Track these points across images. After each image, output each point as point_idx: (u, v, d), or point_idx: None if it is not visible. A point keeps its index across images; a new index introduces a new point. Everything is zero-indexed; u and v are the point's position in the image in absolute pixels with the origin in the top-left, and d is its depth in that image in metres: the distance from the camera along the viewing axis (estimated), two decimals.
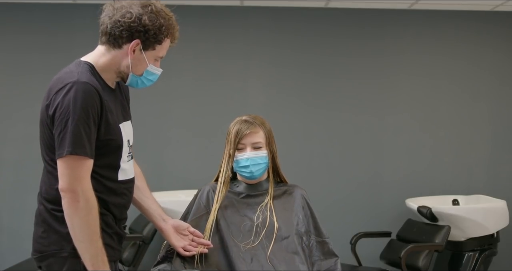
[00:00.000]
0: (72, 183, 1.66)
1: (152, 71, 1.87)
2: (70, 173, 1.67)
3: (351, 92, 4.32)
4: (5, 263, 3.95)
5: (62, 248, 1.73)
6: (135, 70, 1.83)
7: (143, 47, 1.79)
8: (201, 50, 4.31)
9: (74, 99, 1.67)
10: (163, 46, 1.84)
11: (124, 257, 3.61)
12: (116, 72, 1.84)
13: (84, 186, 1.67)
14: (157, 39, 1.80)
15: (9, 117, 4.22)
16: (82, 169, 1.68)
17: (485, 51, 4.35)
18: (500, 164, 4.34)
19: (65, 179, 1.67)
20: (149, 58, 1.83)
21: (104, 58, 1.81)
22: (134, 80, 1.87)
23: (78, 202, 1.66)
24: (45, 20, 4.27)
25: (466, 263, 3.72)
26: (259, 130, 2.20)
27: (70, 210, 1.67)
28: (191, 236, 2.07)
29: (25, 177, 4.15)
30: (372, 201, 4.27)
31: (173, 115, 4.28)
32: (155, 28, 1.77)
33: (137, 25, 1.75)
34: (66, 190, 1.67)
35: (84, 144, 1.67)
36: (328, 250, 2.15)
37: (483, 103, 4.35)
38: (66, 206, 1.68)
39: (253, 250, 2.08)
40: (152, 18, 1.77)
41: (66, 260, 1.73)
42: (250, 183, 2.24)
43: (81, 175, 1.68)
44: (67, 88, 1.68)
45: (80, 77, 1.71)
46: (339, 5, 4.27)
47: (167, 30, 1.81)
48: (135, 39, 1.77)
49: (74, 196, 1.66)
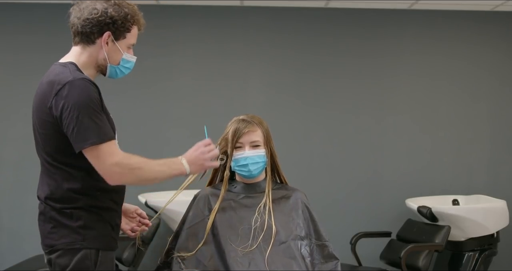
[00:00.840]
0: (107, 164, 1.78)
1: (127, 59, 2.01)
2: (101, 160, 1.78)
3: (351, 92, 4.32)
4: (5, 263, 3.96)
5: (73, 240, 1.84)
6: (112, 61, 1.96)
7: (114, 38, 1.93)
8: (201, 50, 4.31)
9: (78, 95, 1.77)
10: (132, 34, 1.97)
11: (124, 257, 3.61)
12: (95, 67, 1.96)
13: (116, 158, 1.79)
14: (125, 28, 1.93)
15: (9, 117, 4.22)
16: (107, 149, 1.79)
17: (485, 51, 4.36)
18: (500, 164, 4.34)
19: (100, 166, 1.79)
20: (122, 47, 1.96)
21: (83, 56, 1.94)
22: (113, 70, 1.99)
23: (123, 174, 1.81)
24: (45, 20, 4.27)
25: (466, 263, 3.72)
26: (257, 129, 2.20)
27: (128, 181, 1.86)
28: (138, 217, 2.17)
29: (25, 177, 4.15)
30: (372, 201, 4.27)
31: (173, 115, 4.28)
32: (121, 17, 1.91)
33: (104, 18, 1.89)
34: (108, 173, 1.80)
35: (105, 130, 1.80)
36: (328, 253, 2.14)
37: (483, 103, 4.35)
38: (119, 181, 1.83)
39: (250, 254, 2.07)
40: (117, 9, 1.90)
41: (77, 252, 1.83)
42: (248, 182, 2.23)
43: (109, 152, 1.79)
44: (67, 87, 1.78)
45: (75, 75, 1.82)
46: (339, 5, 4.27)
47: (133, 18, 1.94)
48: (105, 32, 1.90)
49: (116, 173, 1.80)
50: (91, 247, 1.84)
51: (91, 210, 1.86)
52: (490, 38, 4.36)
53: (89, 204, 1.86)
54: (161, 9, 4.27)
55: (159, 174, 1.90)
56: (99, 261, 1.85)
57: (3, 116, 4.24)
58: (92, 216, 1.86)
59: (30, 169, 4.09)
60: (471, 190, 4.21)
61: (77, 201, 1.85)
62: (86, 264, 1.82)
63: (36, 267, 3.39)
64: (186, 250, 2.11)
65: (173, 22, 4.28)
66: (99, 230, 1.87)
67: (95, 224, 1.86)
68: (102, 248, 1.86)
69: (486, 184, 4.28)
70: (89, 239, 1.84)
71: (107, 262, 1.87)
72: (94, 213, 1.87)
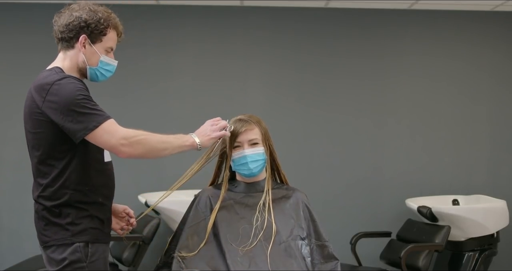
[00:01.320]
0: (114, 140, 1.90)
1: (106, 61, 2.09)
2: (108, 137, 1.90)
3: (351, 92, 4.32)
4: (5, 263, 3.96)
5: (63, 236, 1.97)
6: (90, 63, 2.06)
7: (91, 41, 2.04)
8: (201, 50, 4.31)
9: (67, 90, 1.91)
10: (109, 37, 2.07)
11: (124, 257, 3.61)
12: (77, 70, 2.06)
13: (121, 133, 1.91)
14: (99, 31, 2.03)
15: (9, 117, 4.22)
16: (111, 128, 1.91)
17: (485, 51, 4.36)
18: (500, 164, 4.34)
19: (108, 143, 1.91)
20: (99, 50, 2.06)
21: (66, 61, 2.06)
22: (92, 72, 2.08)
23: (132, 146, 1.91)
24: (45, 20, 4.24)
25: (466, 263, 3.72)
26: (254, 127, 2.20)
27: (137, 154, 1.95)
28: (127, 217, 2.26)
29: (25, 177, 4.11)
30: (372, 201, 4.27)
31: (173, 115, 4.28)
32: (95, 21, 2.02)
33: (79, 23, 2.01)
34: (118, 146, 1.91)
35: (97, 114, 1.91)
36: (328, 253, 2.14)
37: (483, 103, 4.35)
38: (131, 155, 1.93)
39: (251, 253, 2.07)
40: (90, 14, 2.03)
41: (68, 246, 1.96)
42: (249, 181, 2.24)
43: (111, 130, 1.91)
44: (56, 86, 1.92)
45: (60, 75, 1.96)
46: (339, 5, 4.27)
47: (106, 22, 2.04)
48: (81, 35, 2.02)
49: (125, 146, 1.91)
50: (80, 241, 1.96)
51: (79, 206, 1.98)
52: (490, 38, 4.36)
53: (76, 200, 1.98)
54: (161, 9, 4.27)
55: (167, 145, 2.00)
56: (89, 252, 1.97)
57: (3, 116, 4.24)
58: (79, 211, 1.98)
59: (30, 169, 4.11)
60: (471, 190, 4.21)
61: (65, 197, 1.97)
62: (77, 256, 1.96)
63: (36, 267, 3.39)
64: (186, 250, 2.12)
65: (173, 22, 4.28)
66: (87, 224, 1.98)
67: (82, 219, 1.98)
68: (90, 241, 1.98)
69: (486, 184, 4.29)
70: (78, 234, 1.97)
71: (98, 253, 2.00)
72: (81, 209, 1.98)
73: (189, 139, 2.06)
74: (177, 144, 2.03)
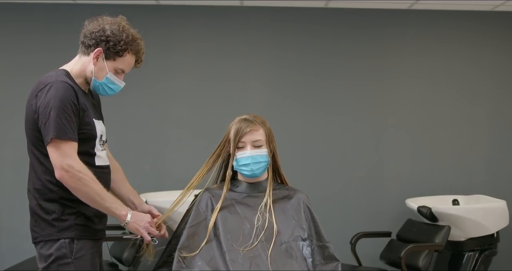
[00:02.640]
0: (61, 161, 1.97)
1: (112, 79, 2.15)
2: (58, 154, 1.97)
3: (351, 92, 4.32)
4: (5, 263, 3.96)
5: (50, 232, 2.05)
6: (97, 75, 2.13)
7: (105, 56, 2.11)
8: (201, 50, 4.31)
9: (54, 94, 1.99)
10: (124, 60, 2.14)
11: (124, 257, 3.60)
12: (84, 77, 2.15)
13: (72, 161, 1.98)
14: (116, 50, 2.10)
15: (9, 117, 4.22)
16: (67, 148, 1.98)
17: (484, 52, 4.36)
18: (500, 164, 4.34)
19: (56, 160, 1.98)
20: (109, 67, 2.13)
21: (77, 65, 2.15)
22: (96, 85, 2.16)
23: (72, 177, 1.97)
24: (45, 20, 4.27)
25: (466, 263, 3.72)
26: (259, 129, 2.20)
27: (69, 184, 1.99)
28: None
29: (25, 177, 4.09)
30: (372, 201, 4.28)
31: (173, 115, 4.28)
32: (115, 40, 2.09)
33: (101, 35, 2.09)
34: (59, 168, 1.97)
35: (66, 129, 1.98)
36: (329, 254, 2.14)
37: (483, 103, 4.35)
38: (65, 181, 1.99)
39: (251, 253, 2.06)
40: (115, 32, 2.09)
41: (55, 243, 2.04)
42: (250, 181, 2.24)
43: (67, 153, 1.98)
44: (48, 87, 2.01)
45: (57, 78, 2.05)
46: (339, 5, 4.27)
47: (126, 45, 2.11)
48: (99, 47, 2.09)
49: (66, 172, 1.97)
50: (65, 237, 2.04)
51: (65, 203, 2.05)
52: (490, 39, 4.36)
53: (63, 197, 2.05)
54: (161, 9, 4.27)
55: (100, 201, 2.03)
56: (75, 249, 2.04)
57: (3, 116, 4.24)
58: (65, 208, 2.06)
59: None
60: (471, 190, 4.21)
61: (52, 193, 2.05)
62: (63, 252, 2.03)
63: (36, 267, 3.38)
64: (187, 250, 2.11)
65: (173, 22, 4.28)
66: (73, 220, 2.06)
67: (68, 216, 2.06)
68: (76, 237, 2.05)
69: (486, 184, 4.29)
70: (63, 230, 2.05)
71: (84, 249, 2.06)
72: (67, 206, 2.06)
73: (123, 211, 2.07)
74: (109, 206, 2.05)
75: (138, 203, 2.33)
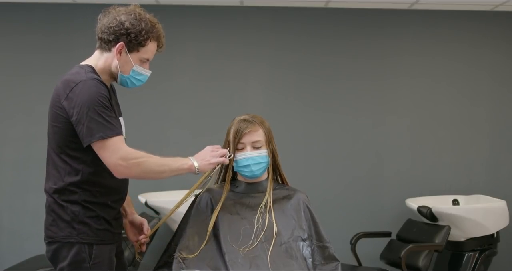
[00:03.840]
0: (114, 159, 1.91)
1: (138, 71, 2.10)
2: (107, 153, 1.92)
3: (351, 92, 4.32)
4: (5, 263, 3.96)
5: (68, 234, 1.99)
6: (123, 70, 2.07)
7: (128, 50, 2.04)
8: (201, 50, 4.31)
9: (88, 93, 1.92)
10: (147, 49, 2.07)
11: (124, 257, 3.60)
12: (109, 73, 2.08)
13: (123, 153, 1.92)
14: (139, 42, 2.04)
15: (9, 117, 4.22)
16: (113, 144, 1.92)
17: (484, 52, 4.36)
18: (500, 164, 4.34)
19: (108, 160, 1.92)
20: (134, 59, 2.06)
21: (100, 61, 2.07)
22: (123, 79, 2.10)
23: (130, 167, 1.92)
24: (45, 20, 4.27)
25: (466, 263, 3.72)
26: (259, 129, 2.19)
27: (133, 175, 1.97)
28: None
29: (25, 177, 4.15)
30: (372, 201, 4.28)
31: (173, 115, 4.28)
32: (136, 31, 2.02)
33: (120, 29, 2.01)
34: (113, 166, 1.92)
35: (109, 127, 1.92)
36: (329, 254, 2.13)
37: (483, 103, 4.35)
38: (127, 175, 1.96)
39: (251, 253, 2.06)
40: (134, 23, 2.02)
41: (73, 246, 1.98)
42: (250, 182, 2.23)
43: (115, 148, 1.92)
44: (81, 85, 1.93)
45: (88, 75, 1.97)
46: (339, 5, 4.27)
47: (148, 34, 2.05)
48: (120, 42, 2.02)
49: (121, 166, 1.92)
50: (85, 241, 1.98)
51: (86, 206, 1.99)
52: (490, 38, 4.36)
53: (85, 199, 1.99)
54: (161, 9, 4.26)
55: (165, 167, 2.00)
56: (93, 254, 1.99)
57: (3, 116, 4.24)
58: (86, 211, 2.00)
59: (30, 169, 4.11)
60: (471, 190, 4.21)
61: (74, 195, 1.99)
62: (82, 256, 1.98)
63: (36, 267, 3.39)
64: (187, 250, 2.11)
65: (173, 22, 4.27)
66: (93, 225, 2.00)
67: (89, 219, 2.00)
68: (95, 242, 2.00)
69: (486, 184, 4.29)
70: (83, 234, 1.99)
71: (102, 254, 2.02)
72: (88, 209, 2.00)
73: (187, 162, 2.05)
74: (175, 166, 2.03)
75: (130, 212, 2.27)
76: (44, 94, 2.17)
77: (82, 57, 2.13)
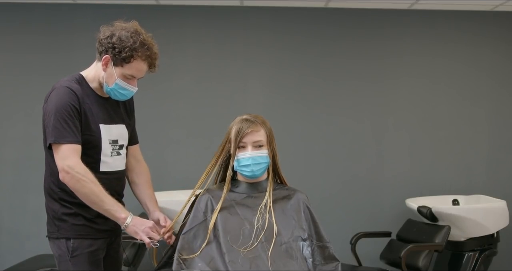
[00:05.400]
0: (62, 163, 2.05)
1: (121, 85, 2.17)
2: (58, 157, 2.06)
3: (350, 92, 4.32)
4: (5, 263, 3.96)
5: (53, 231, 2.18)
6: (107, 81, 2.17)
7: (114, 63, 2.13)
8: (201, 51, 4.31)
9: (55, 99, 2.07)
10: (131, 66, 2.13)
11: (124, 257, 3.60)
12: (99, 82, 2.20)
13: (72, 163, 2.04)
14: (122, 57, 2.10)
15: (9, 117, 4.22)
16: (66, 151, 2.05)
17: (484, 52, 4.36)
18: (500, 164, 4.34)
19: (58, 163, 2.06)
20: (117, 73, 2.14)
21: (93, 70, 2.21)
22: (108, 90, 2.19)
23: (72, 178, 2.03)
24: (45, 20, 4.27)
25: (466, 263, 3.72)
26: (260, 129, 2.19)
27: (70, 185, 2.06)
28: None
29: (25, 177, 4.15)
30: (372, 201, 4.28)
31: (173, 115, 4.28)
32: (120, 47, 2.09)
33: (108, 42, 2.11)
34: (61, 170, 2.05)
35: (64, 133, 2.05)
36: (329, 254, 2.13)
37: (483, 103, 4.35)
38: (66, 182, 2.06)
39: (251, 254, 2.06)
40: (124, 39, 2.09)
41: (56, 241, 2.18)
42: (250, 182, 2.23)
43: (67, 155, 2.05)
44: (54, 92, 2.10)
45: (63, 83, 2.12)
46: (339, 5, 4.27)
47: (132, 52, 2.10)
48: (107, 55, 2.12)
49: (66, 173, 2.04)
50: (63, 236, 2.16)
51: (64, 204, 2.16)
52: (490, 39, 4.36)
53: (62, 198, 2.16)
54: (161, 9, 4.27)
55: (98, 202, 2.07)
56: (71, 247, 2.14)
57: (3, 116, 4.24)
58: (64, 209, 2.16)
59: (30, 169, 4.11)
60: (471, 190, 4.21)
61: (55, 194, 2.17)
62: (62, 250, 2.16)
63: (36, 267, 3.39)
64: (187, 251, 2.11)
65: (173, 22, 4.28)
66: (70, 221, 2.15)
67: (67, 216, 2.16)
68: (72, 237, 2.15)
69: (486, 184, 4.29)
70: (62, 229, 2.16)
71: (81, 248, 2.15)
72: (66, 207, 2.16)
73: (122, 214, 2.09)
74: (108, 208, 2.08)
75: (152, 209, 2.36)
76: (44, 94, 2.18)
77: (82, 57, 2.14)
